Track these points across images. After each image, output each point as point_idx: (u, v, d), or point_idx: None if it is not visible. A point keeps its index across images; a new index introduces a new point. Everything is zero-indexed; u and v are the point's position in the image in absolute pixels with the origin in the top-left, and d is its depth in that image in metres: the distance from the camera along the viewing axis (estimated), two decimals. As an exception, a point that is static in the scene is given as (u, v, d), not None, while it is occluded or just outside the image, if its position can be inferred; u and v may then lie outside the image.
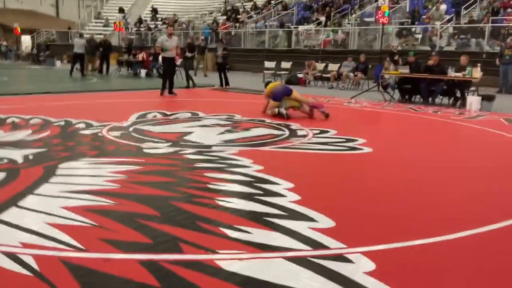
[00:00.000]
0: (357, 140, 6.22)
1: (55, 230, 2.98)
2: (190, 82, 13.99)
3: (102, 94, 11.86)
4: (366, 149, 5.75)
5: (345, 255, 2.74)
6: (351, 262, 2.65)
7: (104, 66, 18.63)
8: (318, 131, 6.87)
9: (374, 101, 11.43)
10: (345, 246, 2.86)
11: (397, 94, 11.97)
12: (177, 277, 2.44)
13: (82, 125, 6.77)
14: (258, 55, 21.72)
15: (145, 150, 5.36)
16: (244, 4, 30.11)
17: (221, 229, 3.08)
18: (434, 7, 20.34)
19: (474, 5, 19.89)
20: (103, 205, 3.48)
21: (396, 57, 14.19)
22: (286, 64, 17.45)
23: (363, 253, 2.76)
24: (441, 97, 11.34)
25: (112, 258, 2.64)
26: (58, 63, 23.78)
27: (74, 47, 17.60)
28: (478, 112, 9.57)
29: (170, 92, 11.78)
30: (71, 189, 3.82)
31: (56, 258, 2.61)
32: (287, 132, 6.76)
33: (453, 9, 20.07)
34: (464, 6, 19.65)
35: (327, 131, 6.88)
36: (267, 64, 17.71)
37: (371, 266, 2.61)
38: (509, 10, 18.21)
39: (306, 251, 2.79)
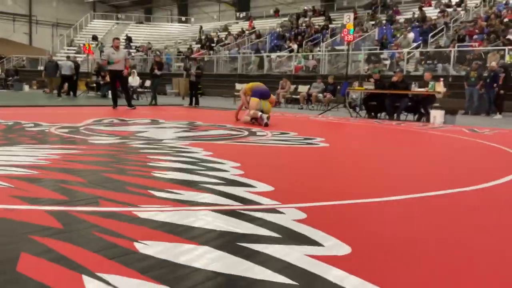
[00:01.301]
0: (315, 139, 6.10)
1: (-36, 190, 2.71)
2: (153, 100, 13.85)
3: (64, 107, 11.55)
4: (323, 144, 5.62)
5: (278, 208, 2.55)
6: (283, 214, 2.46)
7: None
8: (278, 133, 6.73)
9: (341, 117, 11.43)
10: (278, 203, 2.67)
11: (363, 112, 12.02)
12: (85, 222, 2.20)
13: (30, 125, 6.48)
14: (230, 80, 21.75)
15: (90, 141, 5.10)
16: (219, 33, 30.46)
17: (150, 191, 2.86)
18: (402, 35, 20.89)
19: (441, 33, 20.52)
20: (26, 174, 3.22)
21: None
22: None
23: (296, 207, 2.58)
24: (406, 113, 11.42)
25: (18, 209, 2.38)
26: (26, 87, 23.32)
27: (62, 70, 17.25)
28: (442, 125, 9.63)
29: (130, 105, 11.52)
30: (-3, 163, 3.54)
31: (-46, 209, 2.34)
32: (246, 133, 6.60)
33: (420, 38, 20.65)
34: (431, 34, 20.25)
35: (287, 133, 6.75)
36: (238, 86, 17.70)
37: (302, 215, 2.42)
38: (475, 37, 18.79)
39: (236, 206, 2.59)
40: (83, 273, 1.62)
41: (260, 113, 7.85)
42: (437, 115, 10.09)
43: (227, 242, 2.00)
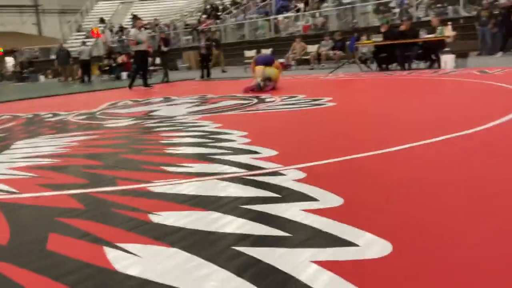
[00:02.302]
0: (323, 99, 6.21)
1: (-6, 183, 2.97)
2: (165, 77, 14.05)
3: (80, 94, 11.84)
4: (330, 104, 5.74)
5: (280, 171, 2.74)
6: (283, 175, 2.65)
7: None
8: (287, 97, 6.86)
9: (352, 73, 11.42)
10: (281, 166, 2.86)
11: (375, 66, 11.96)
12: (105, 201, 2.43)
13: (49, 115, 6.76)
14: (239, 48, 21.68)
15: (106, 125, 5.35)
16: (223, 1, 30.13)
17: (163, 167, 3.07)
18: (410, -19, 20.34)
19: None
20: (48, 163, 3.47)
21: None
22: (266, 51, 17.42)
23: (297, 168, 2.76)
24: (417, 62, 11.32)
25: (44, 195, 2.63)
26: (42, 78, 23.82)
27: (82, 55, 17.44)
28: (453, 69, 9.56)
29: (147, 85, 11.72)
30: (20, 156, 3.81)
31: (-12, 201, 2.60)
32: (255, 101, 6.75)
33: (428, -19, 20.08)
34: (439, -24, 19.66)
35: (296, 96, 6.87)
36: (247, 53, 17.70)
37: (301, 175, 2.61)
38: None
39: (241, 173, 2.79)
40: (104, 245, 1.85)
41: (257, 81, 8.08)
42: (447, 60, 10.01)
43: (234, 207, 2.20)
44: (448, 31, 10.29)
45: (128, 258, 1.73)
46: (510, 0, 14.68)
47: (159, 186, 2.62)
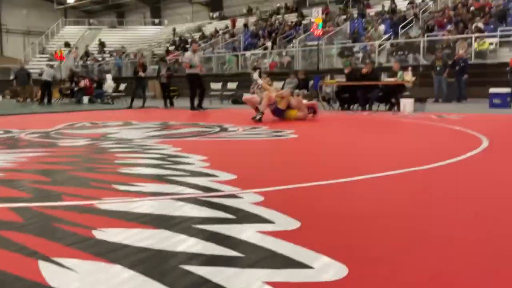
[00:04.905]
0: (285, 131, 6.21)
1: None
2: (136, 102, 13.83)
3: (37, 114, 11.43)
4: (292, 136, 5.74)
5: (237, 194, 2.65)
6: (241, 198, 2.56)
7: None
8: (249, 127, 6.83)
9: (315, 110, 11.57)
10: (239, 189, 2.77)
11: (337, 105, 12.20)
12: (47, 215, 2.26)
13: (0, 132, 6.44)
14: (206, 81, 21.75)
15: (60, 144, 5.12)
16: (192, 34, 30.45)
17: (113, 185, 2.92)
18: (373, 28, 21.21)
19: (411, 24, 20.91)
20: (-9, 176, 3.25)
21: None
22: (232, 85, 17.56)
23: (254, 192, 2.68)
24: (378, 104, 11.63)
25: (-20, 208, 2.43)
26: (-1, 97, 23.09)
27: (44, 76, 16.92)
28: (411, 113, 9.85)
29: (200, 106, 11.68)
30: (-38, 168, 3.56)
31: None
32: (217, 129, 6.68)
33: (391, 29, 21.00)
34: (401, 25, 20.62)
35: (258, 127, 6.85)
36: (213, 85, 17.75)
37: (259, 199, 2.53)
38: (449, 26, 19.12)
39: (198, 194, 2.68)
40: (39, 259, 1.69)
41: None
42: (407, 103, 10.32)
43: (187, 226, 2.08)
44: (408, 76, 10.66)
45: (64, 274, 1.58)
46: (466, 52, 15.54)
47: (107, 203, 2.47)
